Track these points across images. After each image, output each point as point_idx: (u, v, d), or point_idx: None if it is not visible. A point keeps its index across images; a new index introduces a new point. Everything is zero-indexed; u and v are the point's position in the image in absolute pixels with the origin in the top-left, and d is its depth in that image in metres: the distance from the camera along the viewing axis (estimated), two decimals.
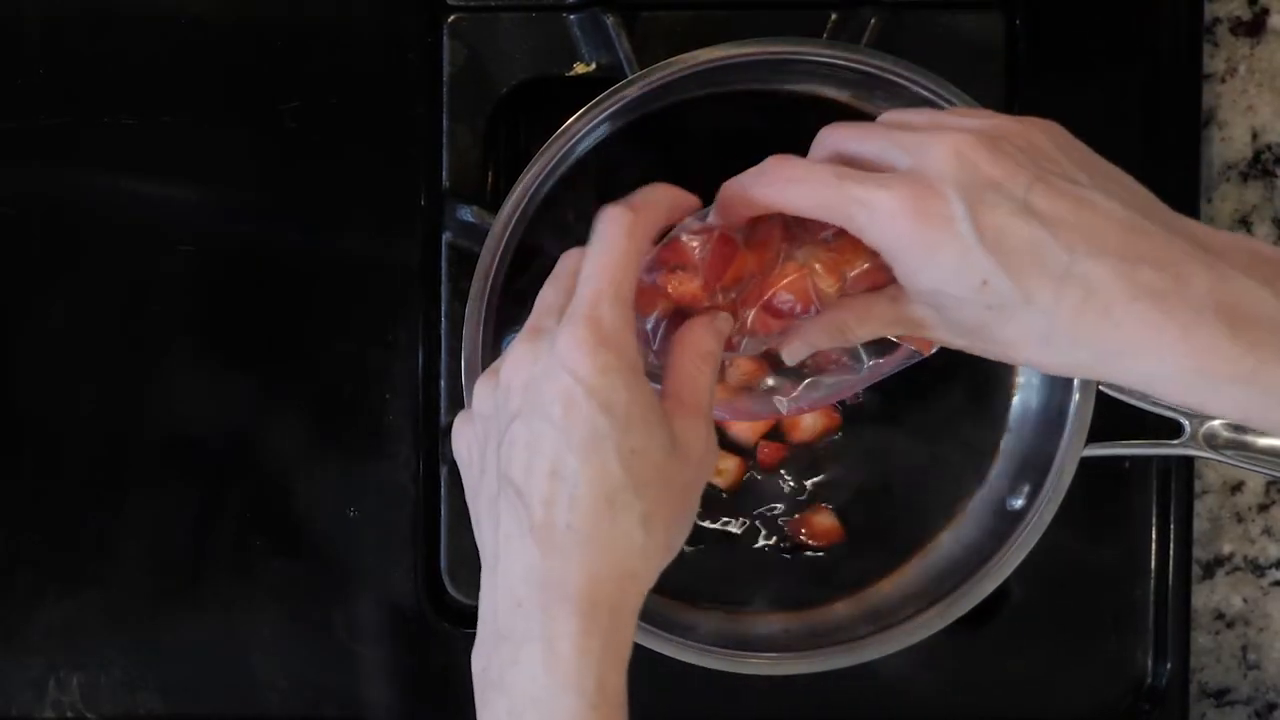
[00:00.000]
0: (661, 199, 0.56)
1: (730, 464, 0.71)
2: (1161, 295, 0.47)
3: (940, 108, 0.65)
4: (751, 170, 0.55)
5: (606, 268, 0.52)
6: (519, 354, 0.53)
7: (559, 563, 0.50)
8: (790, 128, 0.69)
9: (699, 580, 0.70)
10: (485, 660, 0.52)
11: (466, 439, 0.56)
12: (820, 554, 0.71)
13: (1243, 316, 0.47)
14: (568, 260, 0.56)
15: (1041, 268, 0.48)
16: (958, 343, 0.53)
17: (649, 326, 0.57)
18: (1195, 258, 0.48)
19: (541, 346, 0.52)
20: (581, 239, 0.69)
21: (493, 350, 0.67)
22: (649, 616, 0.67)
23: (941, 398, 0.71)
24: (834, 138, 0.55)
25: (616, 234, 0.53)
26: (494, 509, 0.52)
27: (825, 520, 0.71)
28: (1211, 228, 0.51)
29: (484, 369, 0.65)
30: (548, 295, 0.55)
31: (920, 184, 0.49)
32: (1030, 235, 0.48)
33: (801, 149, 0.69)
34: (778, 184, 0.54)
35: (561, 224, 0.69)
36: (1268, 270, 0.48)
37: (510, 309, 0.68)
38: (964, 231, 0.48)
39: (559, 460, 0.50)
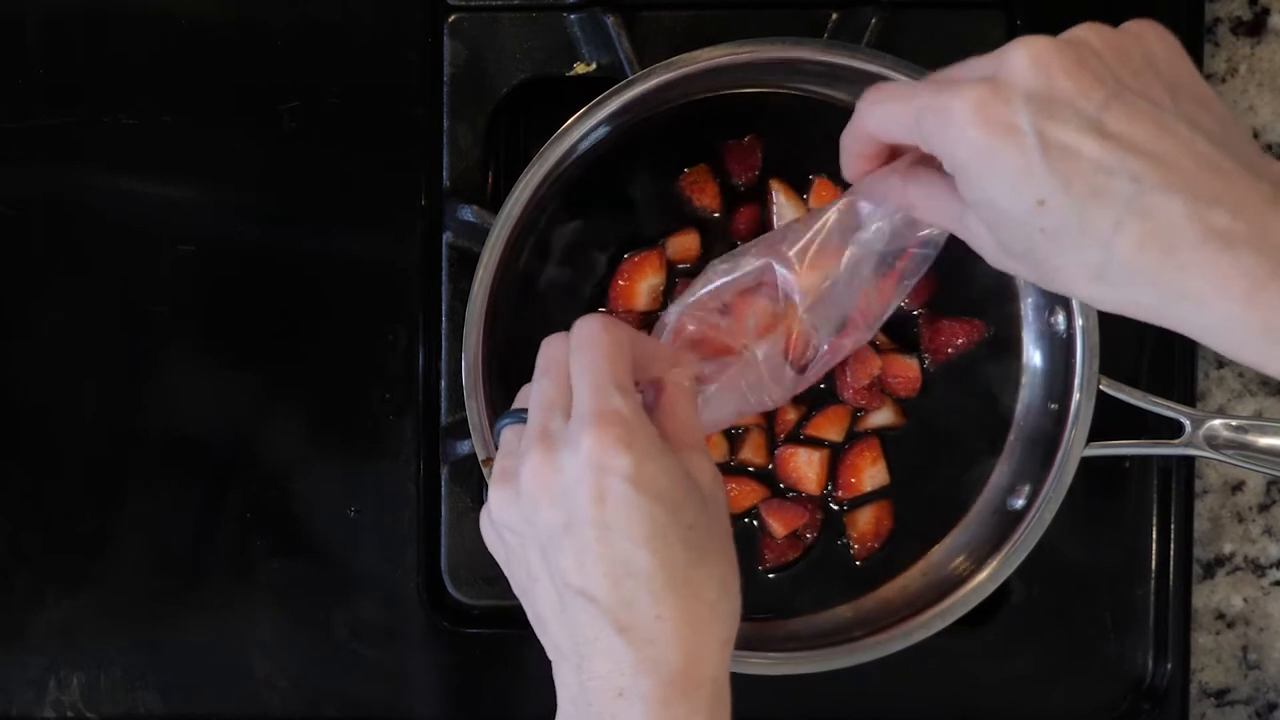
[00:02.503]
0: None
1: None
2: (1234, 241, 0.44)
3: None
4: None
5: (598, 359, 0.52)
6: (537, 463, 0.51)
7: (655, 652, 0.50)
8: (790, 127, 0.69)
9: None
10: None
11: (494, 542, 0.55)
12: (829, 560, 0.71)
13: None
14: (551, 348, 0.55)
15: (1104, 193, 0.45)
16: (1007, 264, 0.51)
17: None
18: (1278, 206, 0.45)
19: (562, 453, 0.51)
20: (581, 241, 0.69)
21: (492, 351, 0.67)
22: None
23: (944, 400, 0.71)
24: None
25: (594, 329, 0.53)
26: (563, 616, 0.51)
27: (868, 515, 0.71)
28: None
29: (483, 368, 0.66)
30: (546, 390, 0.54)
31: (991, 89, 0.46)
32: (1098, 156, 0.45)
33: (801, 149, 0.70)
34: (865, 109, 0.52)
35: (562, 225, 0.69)
36: None
37: (510, 309, 0.69)
38: (1029, 144, 0.45)
39: (626, 559, 0.50)
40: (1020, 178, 0.46)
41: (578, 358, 0.53)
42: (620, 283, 0.68)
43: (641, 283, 0.68)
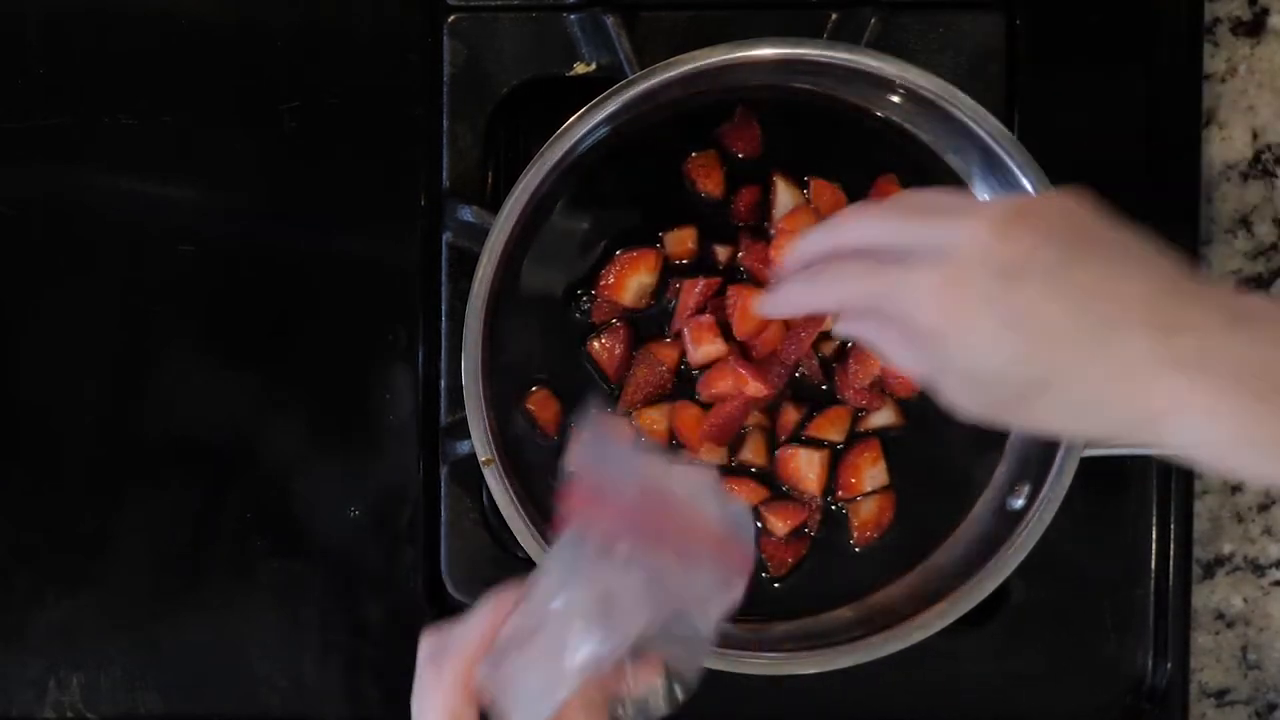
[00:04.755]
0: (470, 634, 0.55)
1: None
2: (1194, 363, 0.48)
3: (940, 110, 0.65)
4: (797, 278, 0.58)
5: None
6: None
7: None
8: (789, 127, 0.69)
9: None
10: None
11: None
12: (829, 561, 0.71)
13: (1278, 382, 0.47)
14: (424, 646, 0.56)
15: (1071, 341, 0.49)
16: (988, 417, 0.54)
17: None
18: (1227, 324, 0.48)
19: None
20: (582, 240, 0.69)
21: (492, 351, 0.67)
22: None
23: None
24: (857, 229, 0.56)
25: (431, 676, 0.54)
26: None
27: (870, 506, 0.71)
28: (1241, 292, 0.51)
29: (483, 367, 0.66)
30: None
31: (951, 266, 0.51)
32: (1057, 310, 0.49)
33: (799, 149, 0.69)
34: (821, 288, 0.56)
35: (562, 224, 0.69)
36: None
37: (510, 309, 0.69)
38: (994, 311, 0.50)
39: None
40: (995, 342, 0.51)
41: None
42: (610, 278, 0.68)
43: (631, 279, 0.68)
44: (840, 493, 0.70)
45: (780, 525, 0.70)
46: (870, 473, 0.70)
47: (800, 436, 0.70)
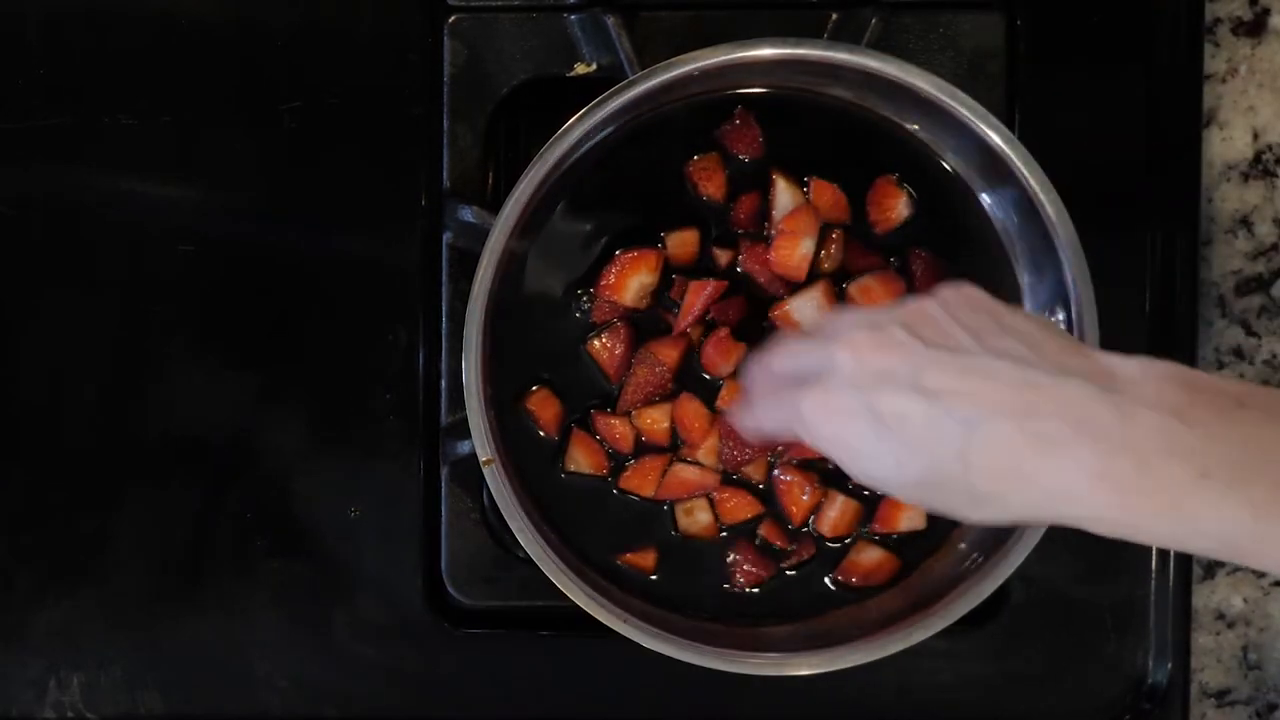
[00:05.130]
0: None
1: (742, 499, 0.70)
2: (1066, 444, 0.49)
3: (940, 110, 0.65)
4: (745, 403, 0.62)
5: None
6: None
7: None
8: (790, 127, 0.69)
9: (705, 596, 0.70)
10: None
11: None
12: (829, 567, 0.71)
13: (1154, 452, 0.48)
14: None
15: (943, 439, 0.51)
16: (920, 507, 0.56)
17: None
18: (1096, 399, 0.49)
19: None
20: (582, 240, 0.69)
21: (492, 351, 0.67)
22: (654, 620, 0.67)
23: None
24: (774, 360, 0.58)
25: None
26: None
27: (874, 555, 0.70)
28: (1121, 355, 0.51)
29: (483, 368, 0.66)
30: None
31: (824, 388, 0.53)
32: (925, 412, 0.51)
33: (799, 149, 0.69)
34: (755, 416, 0.60)
35: (563, 224, 0.69)
36: (1180, 397, 0.49)
37: (510, 309, 0.69)
38: (867, 422, 0.52)
39: None
40: (874, 451, 0.52)
41: None
42: (610, 278, 0.68)
43: (632, 279, 0.68)
44: (876, 525, 0.70)
45: (765, 537, 0.69)
46: (909, 514, 0.69)
47: (846, 486, 0.69)
